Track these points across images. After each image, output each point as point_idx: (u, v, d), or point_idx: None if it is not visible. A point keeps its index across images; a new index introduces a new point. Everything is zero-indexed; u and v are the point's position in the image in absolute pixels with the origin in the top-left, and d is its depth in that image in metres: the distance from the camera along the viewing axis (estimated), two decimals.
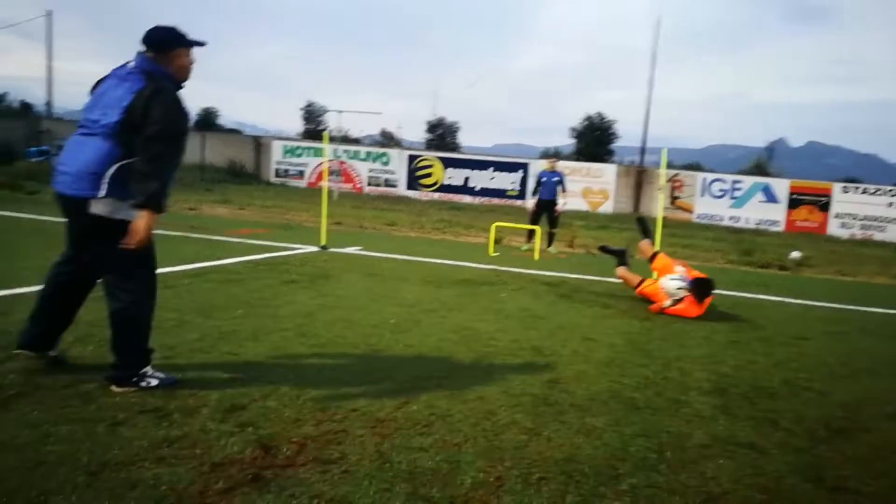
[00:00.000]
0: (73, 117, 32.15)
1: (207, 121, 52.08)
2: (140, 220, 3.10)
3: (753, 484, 2.82)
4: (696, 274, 6.73)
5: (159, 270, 3.52)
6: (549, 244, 12.34)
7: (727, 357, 4.96)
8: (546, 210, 12.36)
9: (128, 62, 3.30)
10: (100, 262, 3.29)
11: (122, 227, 3.12)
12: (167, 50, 3.30)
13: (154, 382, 3.35)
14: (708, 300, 6.50)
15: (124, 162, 3.11)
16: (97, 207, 3.12)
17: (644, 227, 7.89)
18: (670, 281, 6.56)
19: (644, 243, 7.70)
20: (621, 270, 7.37)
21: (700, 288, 6.43)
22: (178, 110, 3.21)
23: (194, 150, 26.74)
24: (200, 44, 3.43)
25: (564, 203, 12.52)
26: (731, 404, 3.86)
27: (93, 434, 2.78)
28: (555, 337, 5.18)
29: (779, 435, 3.43)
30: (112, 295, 3.28)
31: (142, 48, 3.30)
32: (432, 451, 2.89)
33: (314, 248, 9.47)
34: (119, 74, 3.26)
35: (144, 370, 3.36)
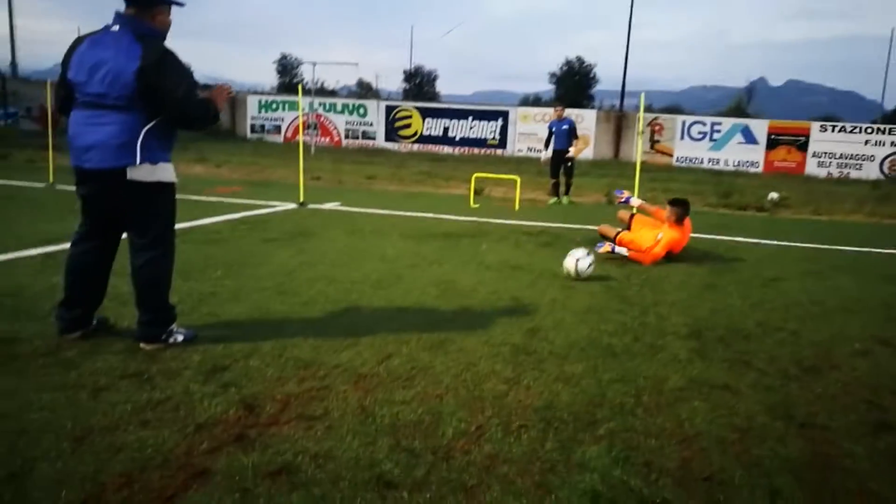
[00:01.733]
0: (41, 77, 31.20)
1: None
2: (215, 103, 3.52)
3: (727, 424, 2.91)
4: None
5: None
6: (567, 192, 12.17)
7: (704, 301, 5.04)
8: (561, 160, 12.04)
9: (108, 26, 3.27)
10: (132, 224, 3.44)
11: (158, 188, 3.38)
12: (151, 6, 3.31)
13: (180, 338, 3.53)
14: (688, 225, 6.71)
15: (150, 125, 3.26)
16: (135, 174, 3.25)
17: None
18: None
19: (621, 212, 7.67)
20: (602, 227, 7.38)
21: (677, 206, 6.76)
22: (183, 66, 3.31)
23: None
24: (180, 4, 3.46)
25: (575, 150, 12.02)
26: (707, 347, 3.94)
27: (75, 401, 2.79)
28: (534, 287, 5.23)
29: (752, 375, 3.52)
30: (138, 254, 3.44)
31: (122, 8, 3.29)
32: (414, 403, 2.94)
33: (293, 205, 9.41)
34: (105, 40, 3.23)
35: (171, 327, 3.52)
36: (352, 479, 2.29)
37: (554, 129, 12.10)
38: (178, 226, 3.77)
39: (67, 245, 3.56)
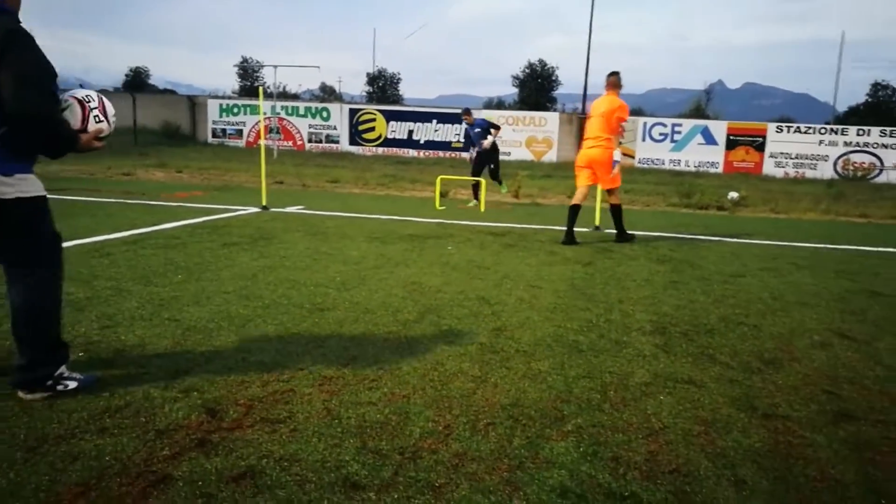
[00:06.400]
0: None
1: (137, 81, 49.94)
2: (84, 145, 2.78)
3: (692, 417, 2.94)
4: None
5: (96, 238, 3.39)
6: (500, 182, 12.14)
7: (667, 297, 5.11)
8: (484, 160, 11.86)
9: None
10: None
11: (15, 206, 2.66)
12: None
13: (72, 385, 2.88)
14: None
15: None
16: None
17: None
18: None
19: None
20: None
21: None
22: (37, 49, 2.63)
23: (126, 112, 25.65)
24: None
25: (486, 142, 11.58)
26: (671, 342, 3.99)
27: (29, 409, 2.69)
28: (500, 286, 5.24)
29: (716, 369, 3.57)
30: (12, 285, 2.81)
31: None
32: (381, 404, 2.91)
33: (255, 209, 9.28)
34: None
35: (60, 371, 2.87)
36: (318, 482, 2.25)
37: (471, 134, 12.02)
38: (137, 231, 3.65)
39: None
